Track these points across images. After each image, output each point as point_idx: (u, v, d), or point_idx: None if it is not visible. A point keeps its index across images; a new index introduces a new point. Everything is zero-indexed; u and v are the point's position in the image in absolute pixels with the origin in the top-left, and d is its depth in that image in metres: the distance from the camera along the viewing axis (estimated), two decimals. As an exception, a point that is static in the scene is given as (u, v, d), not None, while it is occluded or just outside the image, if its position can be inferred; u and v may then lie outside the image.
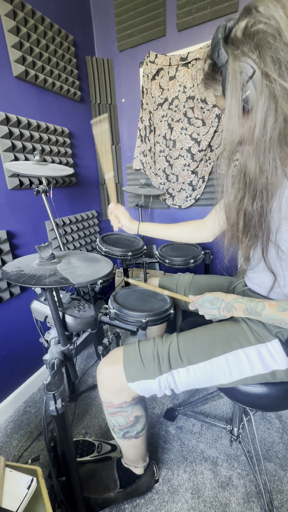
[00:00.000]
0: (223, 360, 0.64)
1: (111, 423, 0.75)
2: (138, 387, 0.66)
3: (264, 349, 0.64)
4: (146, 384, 0.66)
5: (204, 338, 0.68)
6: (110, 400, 0.70)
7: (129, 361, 0.67)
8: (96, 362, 1.50)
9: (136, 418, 0.73)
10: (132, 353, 0.68)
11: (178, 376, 0.66)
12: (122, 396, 0.69)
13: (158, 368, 0.65)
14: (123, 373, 0.66)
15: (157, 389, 0.67)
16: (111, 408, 0.71)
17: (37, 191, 0.98)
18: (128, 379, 0.66)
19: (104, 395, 0.71)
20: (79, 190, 1.55)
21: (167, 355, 0.66)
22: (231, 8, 1.21)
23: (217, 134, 1.39)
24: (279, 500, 0.83)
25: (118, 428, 0.74)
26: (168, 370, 0.65)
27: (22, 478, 0.63)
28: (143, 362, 0.66)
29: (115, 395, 0.69)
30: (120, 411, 0.71)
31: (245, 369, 0.64)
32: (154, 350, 0.67)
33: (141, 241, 1.34)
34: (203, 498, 0.85)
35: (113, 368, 0.68)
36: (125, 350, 0.69)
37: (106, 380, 0.69)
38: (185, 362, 0.65)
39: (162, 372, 0.65)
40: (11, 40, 1.02)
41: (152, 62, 1.42)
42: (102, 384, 0.70)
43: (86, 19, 1.51)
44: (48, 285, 0.54)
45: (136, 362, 0.66)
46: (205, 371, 0.65)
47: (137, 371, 0.66)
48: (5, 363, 1.16)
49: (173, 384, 0.66)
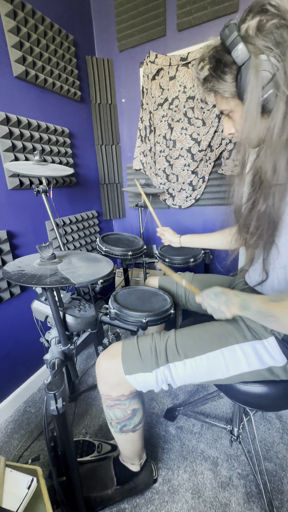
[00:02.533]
0: (219, 354, 0.65)
1: (109, 416, 0.75)
2: (135, 380, 0.67)
3: (260, 345, 0.65)
4: (143, 377, 0.67)
5: (201, 333, 0.69)
6: (108, 393, 0.71)
7: (127, 354, 0.68)
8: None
9: (133, 411, 0.74)
10: (131, 346, 0.69)
11: (175, 370, 0.66)
12: (120, 389, 0.70)
13: (155, 361, 0.66)
14: (121, 366, 0.67)
15: (154, 383, 0.67)
16: (109, 401, 0.72)
17: (37, 191, 0.98)
18: (125, 372, 0.67)
19: (103, 388, 0.72)
20: (79, 190, 1.55)
21: (164, 349, 0.67)
22: (231, 8, 1.22)
23: (217, 134, 1.39)
24: (279, 500, 0.83)
25: (115, 422, 0.75)
26: (165, 363, 0.66)
27: (22, 478, 0.63)
28: (140, 355, 0.67)
29: (113, 388, 0.70)
30: (117, 403, 0.72)
31: (241, 364, 0.64)
32: (152, 344, 0.68)
33: (141, 240, 1.34)
34: (203, 498, 0.85)
35: (111, 361, 0.69)
36: (123, 344, 0.70)
37: (104, 373, 0.70)
38: (181, 355, 0.66)
39: (159, 365, 0.66)
40: (11, 40, 1.02)
41: (152, 62, 1.42)
42: (100, 377, 0.71)
43: (86, 19, 1.51)
44: (49, 285, 0.54)
45: (134, 355, 0.67)
46: (201, 365, 0.66)
47: (135, 364, 0.67)
48: (5, 363, 1.16)
49: (170, 378, 0.67)
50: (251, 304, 0.60)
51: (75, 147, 1.48)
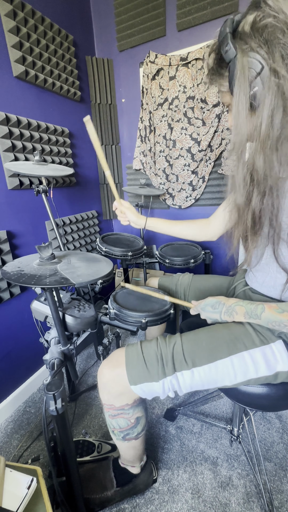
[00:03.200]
0: (228, 362, 0.63)
1: (111, 425, 0.74)
2: (141, 390, 0.65)
3: (268, 350, 0.63)
4: (149, 387, 0.64)
5: (209, 340, 0.66)
6: (112, 402, 0.69)
7: (132, 363, 0.65)
8: (96, 362, 1.50)
9: (137, 419, 0.72)
10: (135, 355, 0.66)
11: (182, 379, 0.64)
12: (124, 399, 0.68)
13: (162, 371, 0.63)
14: (126, 376, 0.64)
15: (160, 392, 0.65)
16: (112, 411, 0.70)
17: (37, 191, 0.99)
18: (131, 382, 0.64)
19: (105, 398, 0.69)
20: (79, 190, 1.55)
21: (171, 357, 0.64)
22: (231, 8, 1.21)
23: (217, 134, 1.39)
24: (279, 500, 0.83)
25: (118, 430, 0.73)
26: (172, 373, 0.63)
27: (22, 478, 0.63)
28: (146, 364, 0.64)
29: (117, 398, 0.68)
30: (121, 413, 0.70)
31: (249, 371, 0.63)
32: (157, 351, 0.65)
33: (141, 241, 1.34)
34: (203, 498, 0.85)
35: (115, 371, 0.66)
36: (127, 352, 0.67)
37: (108, 383, 0.67)
38: (189, 364, 0.63)
39: (167, 374, 0.63)
40: (11, 40, 1.02)
41: (152, 62, 1.42)
42: (103, 387, 0.68)
43: (86, 19, 1.51)
44: (48, 285, 0.54)
45: (139, 364, 0.64)
46: (209, 374, 0.63)
47: (140, 374, 0.64)
48: (5, 363, 1.16)
49: (177, 386, 0.64)
50: (259, 313, 0.60)
51: (75, 147, 1.48)
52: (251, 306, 0.63)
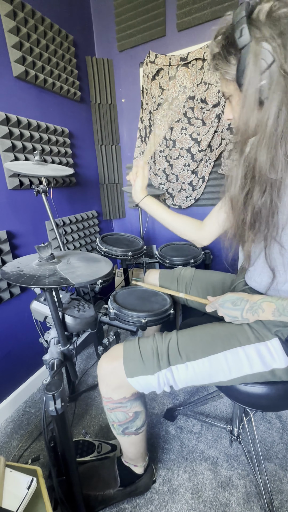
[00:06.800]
0: (221, 357, 0.64)
1: (111, 419, 0.75)
2: (137, 382, 0.67)
3: (263, 347, 0.64)
4: (145, 380, 0.66)
5: (204, 336, 0.68)
6: (110, 395, 0.71)
7: (129, 357, 0.67)
8: (96, 362, 1.50)
9: (135, 413, 0.73)
10: (132, 349, 0.68)
11: (177, 372, 0.66)
12: (122, 392, 0.70)
13: (157, 364, 0.65)
14: (123, 368, 0.66)
15: (156, 385, 0.67)
16: (111, 404, 0.72)
17: (37, 191, 0.99)
18: (127, 375, 0.66)
19: (104, 391, 0.71)
20: (79, 190, 1.55)
21: (166, 351, 0.66)
22: (231, 8, 1.21)
23: (217, 134, 1.39)
24: (279, 500, 0.83)
25: (117, 424, 0.75)
26: (167, 366, 0.65)
27: (22, 478, 0.63)
28: (142, 358, 0.66)
29: (115, 391, 0.70)
30: (119, 406, 0.71)
31: (244, 367, 0.64)
32: (153, 346, 0.67)
33: (141, 241, 1.35)
34: (203, 498, 0.85)
35: (112, 364, 0.68)
36: (125, 346, 0.70)
37: (106, 375, 0.69)
38: (184, 358, 0.65)
39: (161, 368, 0.65)
40: (11, 40, 1.02)
41: (152, 62, 1.42)
42: (102, 380, 0.70)
43: (86, 19, 1.51)
44: (47, 285, 0.54)
45: (135, 358, 0.67)
46: (203, 368, 0.65)
47: (137, 367, 0.66)
48: (5, 363, 1.16)
49: (172, 380, 0.66)
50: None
51: (75, 147, 1.48)
52: (283, 302, 0.58)
